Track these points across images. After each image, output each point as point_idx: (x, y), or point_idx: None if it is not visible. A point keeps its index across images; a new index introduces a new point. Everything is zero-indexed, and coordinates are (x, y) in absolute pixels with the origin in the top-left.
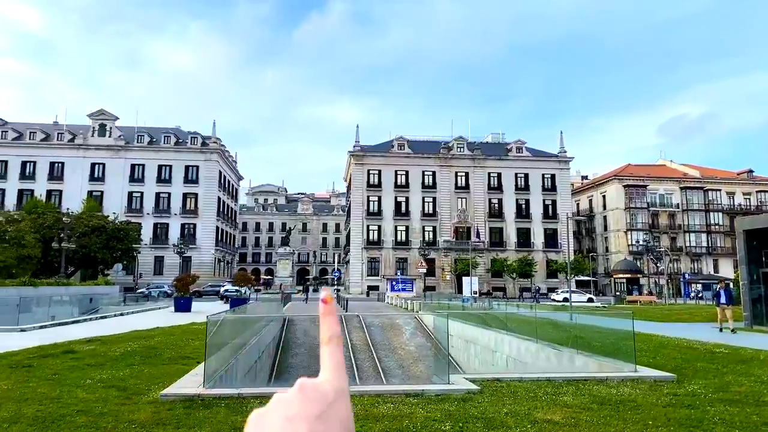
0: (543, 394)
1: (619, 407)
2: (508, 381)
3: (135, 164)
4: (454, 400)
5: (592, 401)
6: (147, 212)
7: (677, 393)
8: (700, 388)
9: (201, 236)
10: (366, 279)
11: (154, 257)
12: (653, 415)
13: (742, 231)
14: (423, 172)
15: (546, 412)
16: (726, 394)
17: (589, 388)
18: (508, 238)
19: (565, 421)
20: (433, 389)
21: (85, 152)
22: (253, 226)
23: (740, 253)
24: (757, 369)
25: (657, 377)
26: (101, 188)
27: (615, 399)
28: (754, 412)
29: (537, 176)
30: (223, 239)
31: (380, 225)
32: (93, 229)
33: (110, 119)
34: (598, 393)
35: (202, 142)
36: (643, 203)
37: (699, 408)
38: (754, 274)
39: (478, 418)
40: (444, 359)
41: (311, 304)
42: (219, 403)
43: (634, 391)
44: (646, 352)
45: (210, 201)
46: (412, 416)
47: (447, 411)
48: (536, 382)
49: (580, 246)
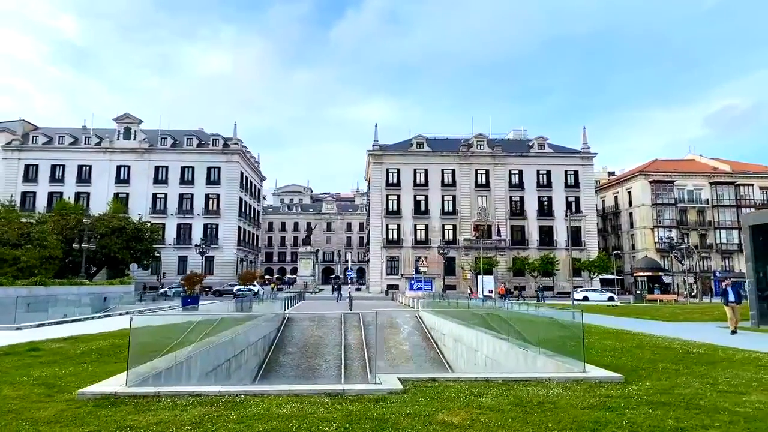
0: (465, 396)
1: (533, 409)
2: (443, 381)
3: (159, 166)
4: (368, 400)
5: (510, 403)
6: (171, 213)
7: (611, 395)
8: (641, 389)
9: (223, 236)
10: (386, 278)
11: (178, 257)
12: (562, 417)
13: (748, 226)
14: (442, 170)
15: (450, 413)
16: (663, 397)
17: (521, 389)
18: (530, 236)
19: (462, 423)
20: (353, 389)
21: (111, 155)
22: (278, 226)
23: (746, 249)
24: (720, 371)
25: (604, 378)
26: (127, 190)
27: (537, 401)
28: (676, 415)
29: (560, 173)
30: (246, 239)
31: (399, 224)
32: (113, 230)
33: (135, 122)
34: (525, 394)
35: (224, 143)
36: (671, 199)
37: (617, 411)
38: (761, 272)
39: (372, 419)
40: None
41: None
42: (129, 402)
43: (567, 392)
44: (616, 352)
45: (231, 201)
46: (309, 416)
47: (348, 411)
48: (471, 383)
49: (606, 243)
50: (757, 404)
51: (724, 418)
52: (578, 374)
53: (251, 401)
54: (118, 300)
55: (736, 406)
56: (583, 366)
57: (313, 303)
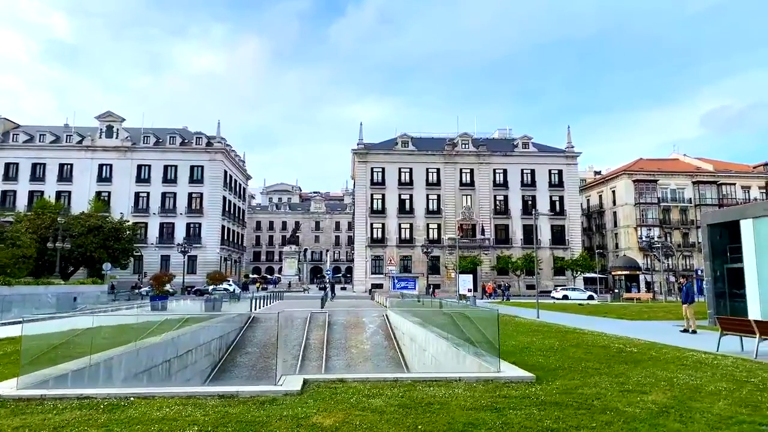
0: (357, 398)
1: (417, 410)
2: (350, 382)
3: (141, 165)
4: (256, 402)
5: (398, 404)
6: (153, 212)
7: (509, 395)
8: (545, 390)
9: (206, 235)
10: (370, 277)
11: (161, 256)
12: (438, 419)
13: (707, 225)
14: (427, 169)
15: (327, 416)
16: (561, 397)
17: (423, 390)
18: (514, 235)
19: (332, 425)
20: (248, 391)
21: (93, 153)
22: (266, 225)
23: (704, 248)
24: (640, 370)
25: (515, 378)
26: (109, 189)
27: (428, 401)
28: (558, 415)
29: (544, 172)
30: (230, 238)
31: (384, 223)
32: (90, 229)
33: (117, 120)
34: (422, 395)
35: (207, 142)
36: (654, 198)
37: (501, 411)
38: (718, 270)
39: (242, 422)
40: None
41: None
42: (9, 405)
43: (466, 393)
44: (550, 351)
45: (215, 200)
46: (179, 420)
47: (224, 413)
48: (377, 384)
49: (591, 242)
50: (649, 404)
51: (604, 419)
52: (491, 374)
53: (135, 404)
54: (94, 300)
55: (628, 406)
56: (498, 365)
57: (290, 302)
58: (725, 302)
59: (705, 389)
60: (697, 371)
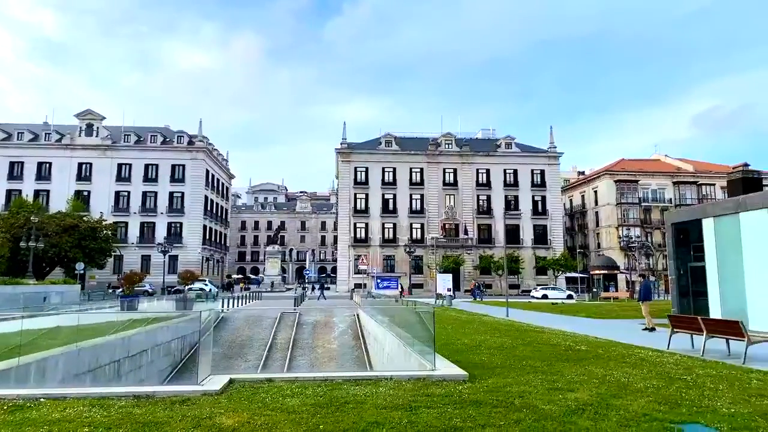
0: (274, 397)
1: (331, 410)
2: (278, 381)
3: (122, 164)
4: (168, 402)
5: (315, 404)
6: (134, 211)
7: (432, 393)
8: (472, 388)
9: (187, 235)
10: (353, 277)
11: (141, 256)
12: (347, 417)
13: (671, 224)
14: (411, 169)
15: (232, 416)
16: (486, 395)
17: (349, 389)
18: (497, 235)
19: (232, 425)
20: (166, 391)
21: (72, 152)
22: (251, 225)
23: (669, 247)
24: (579, 368)
25: (447, 376)
26: (88, 188)
27: (347, 401)
28: (471, 414)
29: (526, 172)
30: (213, 238)
31: (367, 223)
32: (65, 229)
33: (97, 119)
34: (344, 394)
35: (189, 141)
36: (635, 198)
37: (415, 410)
38: (681, 269)
39: (141, 423)
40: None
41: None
42: None
43: (390, 391)
44: (497, 350)
45: (196, 200)
46: (76, 421)
47: (127, 414)
48: (306, 383)
49: (574, 242)
50: (570, 402)
51: (516, 416)
52: (425, 372)
53: (43, 405)
54: (59, 300)
55: (547, 404)
56: (433, 363)
57: (267, 302)
58: (689, 301)
59: (634, 386)
60: (634, 368)
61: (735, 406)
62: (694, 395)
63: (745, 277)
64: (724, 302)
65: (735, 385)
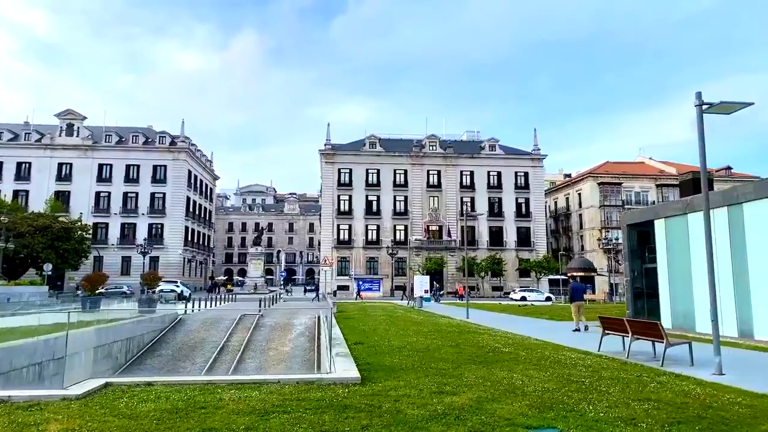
0: (139, 401)
1: (180, 414)
2: (158, 385)
3: (102, 164)
4: (19, 407)
5: (173, 408)
6: (114, 212)
7: (308, 398)
8: (357, 391)
9: (168, 236)
10: (336, 279)
11: (122, 257)
12: (191, 424)
13: (626, 225)
14: (395, 170)
15: (64, 422)
16: (363, 399)
17: (225, 392)
18: (480, 237)
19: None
20: (23, 395)
21: (53, 152)
22: (239, 226)
23: (624, 248)
24: (486, 371)
25: (339, 379)
26: (68, 188)
27: (206, 405)
28: (331, 420)
29: (510, 174)
30: (195, 239)
31: (351, 224)
32: (38, 229)
33: (78, 118)
34: (212, 398)
35: (171, 141)
36: (618, 201)
37: (270, 415)
38: (636, 270)
39: None
40: None
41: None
42: None
43: (265, 395)
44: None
45: (178, 200)
46: None
47: None
48: (183, 387)
49: (558, 244)
50: (442, 406)
51: (366, 422)
52: (317, 375)
53: None
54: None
55: (417, 408)
56: (329, 366)
57: (240, 304)
58: (643, 302)
59: (522, 389)
60: (541, 371)
61: (609, 410)
62: (577, 398)
63: (693, 279)
64: (674, 303)
65: (630, 387)
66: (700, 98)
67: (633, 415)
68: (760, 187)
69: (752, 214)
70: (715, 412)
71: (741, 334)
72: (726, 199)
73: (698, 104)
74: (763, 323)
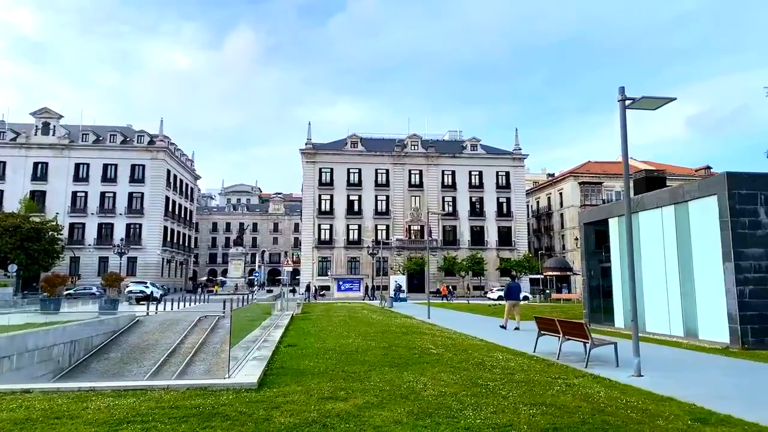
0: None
1: (27, 425)
2: (36, 392)
3: (79, 163)
4: None
5: (24, 417)
6: (91, 212)
7: (184, 405)
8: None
9: (147, 236)
10: (317, 279)
11: (99, 258)
12: None
13: (582, 224)
14: (376, 170)
15: None
16: (240, 407)
17: (97, 401)
18: (462, 237)
19: None
20: None
21: (28, 151)
22: (223, 227)
23: (581, 247)
24: (396, 374)
25: (236, 384)
26: (44, 188)
27: (65, 414)
28: (181, 429)
29: (491, 174)
30: (175, 239)
31: (332, 224)
32: (5, 230)
33: (54, 117)
34: (76, 407)
35: (150, 140)
36: (599, 200)
37: (117, 424)
38: (592, 270)
39: None
40: None
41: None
42: None
43: (142, 403)
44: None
45: (156, 200)
46: None
47: None
48: (59, 394)
49: (540, 244)
50: (317, 415)
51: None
52: (214, 381)
53: None
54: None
55: (288, 417)
56: (227, 371)
57: (210, 305)
58: (600, 302)
59: (418, 394)
60: (454, 374)
61: (492, 416)
62: (468, 403)
63: (643, 278)
64: (626, 303)
65: (534, 391)
66: (623, 93)
67: (512, 422)
68: (705, 185)
69: (697, 212)
70: (602, 417)
71: (687, 333)
72: (673, 197)
73: (621, 99)
74: (706, 323)
